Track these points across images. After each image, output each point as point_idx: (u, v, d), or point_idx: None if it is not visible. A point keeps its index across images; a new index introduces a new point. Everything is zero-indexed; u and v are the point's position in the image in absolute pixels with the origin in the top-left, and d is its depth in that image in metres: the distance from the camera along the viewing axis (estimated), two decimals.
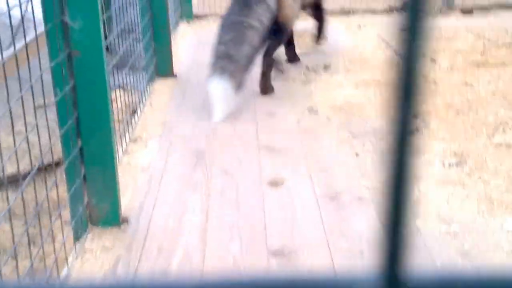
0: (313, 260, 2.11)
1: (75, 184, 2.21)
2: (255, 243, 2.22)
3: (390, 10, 6.15)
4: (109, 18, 4.59)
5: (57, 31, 2.07)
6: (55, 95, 2.11)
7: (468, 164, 2.79)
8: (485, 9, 6.13)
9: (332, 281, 0.44)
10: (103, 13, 2.32)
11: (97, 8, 2.13)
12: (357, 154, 2.92)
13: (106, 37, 2.37)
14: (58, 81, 2.11)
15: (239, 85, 3.47)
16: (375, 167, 2.79)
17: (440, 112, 3.38)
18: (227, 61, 3.46)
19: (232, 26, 3.53)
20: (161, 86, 3.97)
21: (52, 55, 2.08)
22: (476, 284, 0.44)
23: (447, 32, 5.17)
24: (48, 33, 2.05)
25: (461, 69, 4.12)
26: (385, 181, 0.42)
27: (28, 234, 1.87)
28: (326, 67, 4.28)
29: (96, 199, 2.31)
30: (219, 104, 3.43)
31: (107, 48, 2.52)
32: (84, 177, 2.28)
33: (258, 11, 3.50)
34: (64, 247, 2.12)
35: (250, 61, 3.55)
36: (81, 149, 2.24)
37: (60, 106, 2.14)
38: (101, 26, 2.16)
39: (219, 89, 3.42)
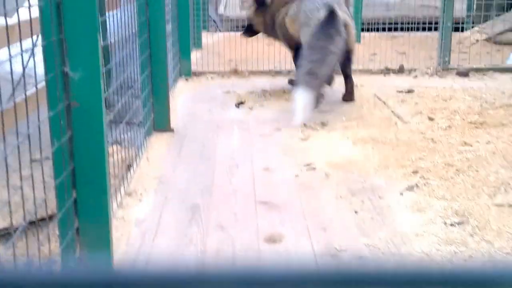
0: None
1: (67, 236, 2.15)
2: None
3: (386, 71, 6.21)
4: (108, 73, 4.62)
5: (58, 81, 2.05)
6: (52, 145, 2.07)
7: (471, 224, 2.73)
8: (480, 71, 6.20)
9: None
10: (103, 66, 2.31)
11: (98, 59, 2.12)
12: (356, 212, 2.87)
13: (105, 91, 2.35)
14: (55, 132, 2.08)
15: (316, 99, 4.34)
16: (375, 226, 2.73)
17: (440, 170, 3.35)
18: (312, 77, 4.25)
19: (319, 50, 4.35)
20: (158, 140, 3.94)
21: (51, 105, 2.05)
22: None
23: (444, 93, 5.21)
24: (48, 83, 2.03)
25: (460, 129, 4.11)
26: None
27: None
28: (323, 124, 4.27)
29: (89, 253, 2.24)
30: (300, 111, 4.15)
31: (105, 103, 2.51)
32: (77, 229, 2.21)
33: (337, 40, 4.39)
34: None
35: (326, 80, 4.62)
36: (75, 201, 2.19)
37: (56, 157, 2.10)
38: (101, 78, 2.15)
39: (303, 98, 4.14)
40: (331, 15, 4.47)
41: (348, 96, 5.01)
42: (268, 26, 5.25)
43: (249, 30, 5.52)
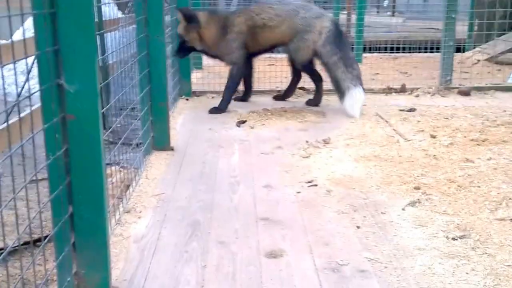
0: None
1: (63, 252, 2.11)
2: None
3: (388, 90, 6.21)
4: (107, 94, 4.61)
5: (52, 93, 2.02)
6: (47, 159, 2.04)
7: (473, 238, 2.69)
8: (482, 90, 6.19)
9: None
10: (100, 80, 2.29)
11: (94, 72, 2.09)
12: (358, 227, 2.83)
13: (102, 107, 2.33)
14: (50, 145, 2.04)
15: None
16: (377, 240, 2.69)
17: (442, 186, 3.32)
18: (360, 80, 5.28)
19: (353, 58, 5.54)
20: (158, 159, 3.91)
21: (46, 117, 2.02)
22: None
23: (446, 111, 5.19)
24: (43, 95, 2.00)
25: (461, 146, 4.09)
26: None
27: None
28: (325, 142, 4.25)
29: (86, 269, 2.19)
30: (359, 106, 5.15)
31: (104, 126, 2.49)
32: (74, 245, 2.18)
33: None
34: None
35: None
36: (71, 216, 2.15)
37: (52, 171, 2.06)
38: (98, 90, 2.12)
39: (362, 95, 5.19)
40: (337, 26, 5.41)
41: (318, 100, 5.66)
42: (214, 40, 5.37)
43: (183, 49, 5.44)
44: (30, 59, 2.13)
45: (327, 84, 5.48)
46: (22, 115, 1.98)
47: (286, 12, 5.33)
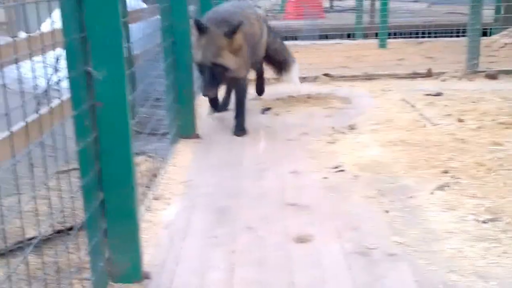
0: None
1: (95, 238, 2.14)
2: None
3: (414, 75, 6.16)
4: (133, 83, 4.65)
5: (81, 81, 2.04)
6: (77, 145, 2.06)
7: (503, 221, 2.67)
8: (509, 73, 6.11)
9: None
10: (128, 66, 2.30)
11: (121, 58, 2.11)
12: (386, 211, 2.82)
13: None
14: (80, 132, 2.07)
15: None
16: (406, 224, 2.68)
17: (471, 170, 3.29)
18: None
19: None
20: (184, 147, 3.93)
21: (75, 105, 2.05)
22: None
23: (473, 95, 5.14)
24: (71, 83, 2.03)
25: (489, 129, 4.04)
26: None
27: None
28: (351, 128, 4.23)
29: (117, 254, 2.23)
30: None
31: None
32: (105, 231, 2.20)
33: None
34: None
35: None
36: (102, 202, 2.18)
37: (82, 158, 2.09)
38: (125, 77, 2.14)
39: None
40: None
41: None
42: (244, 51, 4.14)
43: (216, 80, 4.01)
44: (58, 52, 2.15)
45: (353, 70, 5.45)
46: (52, 105, 1.99)
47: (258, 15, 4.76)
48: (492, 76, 6.00)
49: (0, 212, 1.50)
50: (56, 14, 2.02)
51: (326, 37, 8.43)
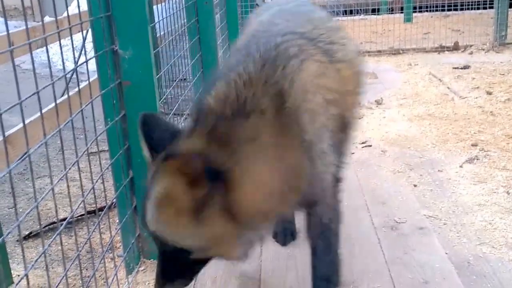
0: None
1: (126, 216, 2.16)
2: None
3: (441, 48, 6.08)
4: (157, 64, 4.66)
5: (108, 60, 2.05)
6: (106, 124, 2.08)
7: None
8: None
9: None
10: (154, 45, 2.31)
11: (147, 37, 2.11)
12: (415, 185, 2.81)
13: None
14: (108, 111, 2.09)
15: None
16: (435, 198, 2.67)
17: (500, 142, 3.25)
18: None
19: None
20: None
21: (103, 84, 2.06)
22: None
23: (502, 68, 5.06)
24: (99, 62, 2.04)
25: None
26: None
27: (81, 274, 1.82)
28: (378, 103, 4.21)
29: None
30: None
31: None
32: (135, 208, 2.23)
33: None
34: (117, 281, 2.06)
35: None
36: (131, 180, 2.20)
37: (111, 136, 2.11)
38: (152, 55, 2.14)
39: None
40: None
41: None
42: None
43: None
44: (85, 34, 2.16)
45: (379, 45, 5.39)
46: (82, 85, 2.01)
47: None
48: None
49: (34, 194, 1.52)
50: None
51: (351, 12, 8.34)
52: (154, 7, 3.80)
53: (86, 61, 1.95)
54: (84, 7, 2.04)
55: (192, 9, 3.78)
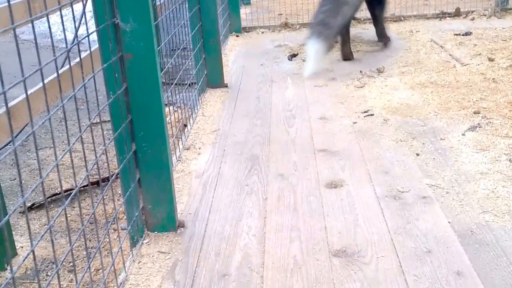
0: (378, 260, 2.01)
1: (130, 188, 2.17)
2: (316, 244, 2.14)
3: (442, 15, 6.03)
4: (157, 34, 4.63)
5: (109, 33, 2.04)
6: (108, 98, 2.07)
7: None
8: None
9: None
10: (155, 18, 2.29)
11: (148, 10, 2.09)
12: (417, 154, 2.81)
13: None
14: (110, 84, 2.07)
15: (329, 49, 4.28)
16: (437, 166, 2.67)
17: (503, 109, 3.25)
18: (323, 27, 4.18)
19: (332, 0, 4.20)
20: (213, 96, 3.93)
21: (104, 58, 2.05)
22: None
23: (504, 34, 5.03)
24: (100, 35, 2.02)
25: None
26: None
27: (86, 245, 1.83)
28: (380, 71, 4.19)
29: (152, 204, 2.26)
30: (311, 62, 4.23)
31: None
32: (139, 181, 2.23)
33: None
34: (122, 253, 2.08)
35: (340, 30, 4.32)
36: (135, 153, 2.20)
37: (113, 109, 2.10)
38: (153, 28, 2.13)
39: (314, 49, 4.18)
40: None
41: (381, 39, 4.97)
42: None
43: None
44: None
45: None
46: (82, 56, 2.00)
47: None
48: None
49: (38, 165, 1.52)
50: None
51: None
52: None
53: (88, 35, 1.94)
54: None
55: None
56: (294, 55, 4.87)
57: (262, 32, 5.93)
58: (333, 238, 2.17)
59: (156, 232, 2.29)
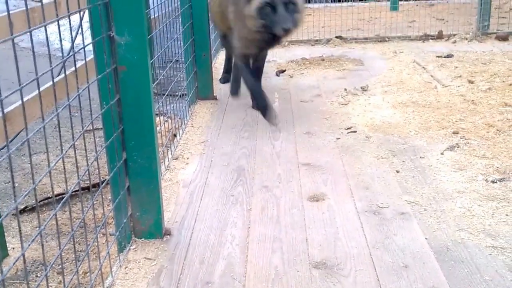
0: (357, 273, 2.09)
1: (119, 195, 2.24)
2: (297, 255, 2.21)
3: (425, 37, 6.17)
4: (151, 46, 4.70)
5: (104, 45, 2.11)
6: (101, 107, 2.14)
7: None
8: None
9: None
10: (149, 31, 2.36)
11: (143, 24, 2.17)
12: (397, 171, 2.91)
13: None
14: (104, 95, 2.14)
15: None
16: (416, 184, 2.77)
17: (481, 131, 3.36)
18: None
19: None
20: (202, 108, 4.02)
21: (99, 69, 2.12)
22: None
23: (484, 57, 5.17)
24: (96, 48, 2.10)
25: (500, 91, 4.09)
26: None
27: (75, 249, 1.89)
28: (364, 89, 4.30)
29: (140, 211, 2.33)
30: None
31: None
32: (128, 189, 2.30)
33: None
34: (109, 258, 2.14)
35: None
36: (125, 161, 2.27)
37: (106, 119, 2.17)
38: (147, 42, 2.20)
39: None
40: None
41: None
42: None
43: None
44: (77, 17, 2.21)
45: (365, 33, 5.45)
46: (78, 65, 2.07)
47: None
48: (503, 37, 6.01)
49: (31, 170, 1.59)
50: None
51: (339, 0, 8.41)
52: None
53: (84, 47, 2.01)
54: None
55: None
56: (282, 71, 4.97)
57: None
58: (313, 250, 2.24)
59: (143, 239, 2.35)
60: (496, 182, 2.74)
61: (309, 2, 5.95)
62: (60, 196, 2.87)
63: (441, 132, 3.39)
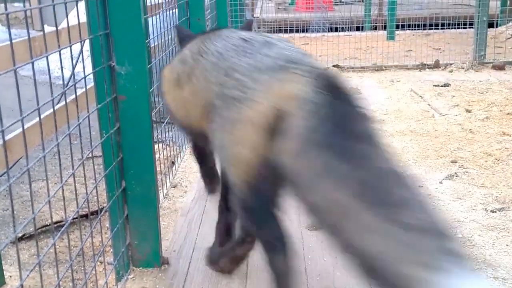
0: None
1: (118, 224, 2.23)
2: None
3: (422, 66, 6.22)
4: (150, 74, 4.71)
5: (105, 75, 2.12)
6: (101, 136, 2.15)
7: None
8: None
9: None
10: (149, 59, 2.37)
11: (143, 55, 2.18)
12: None
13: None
14: (104, 124, 2.15)
15: None
16: None
17: (479, 160, 3.36)
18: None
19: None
20: None
21: (99, 98, 2.12)
22: None
23: (481, 86, 5.20)
24: (96, 77, 2.10)
25: (497, 120, 4.12)
26: None
27: (73, 278, 1.88)
28: None
29: (138, 240, 2.32)
30: None
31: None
32: (127, 217, 2.29)
33: None
34: (107, 287, 2.12)
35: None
36: (124, 190, 2.26)
37: (105, 148, 2.17)
38: (147, 71, 2.21)
39: None
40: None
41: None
42: None
43: None
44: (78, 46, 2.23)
45: (362, 62, 5.48)
46: (78, 93, 2.09)
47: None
48: (499, 67, 6.06)
49: (31, 199, 1.58)
50: (81, 5, 2.09)
51: (336, 29, 8.47)
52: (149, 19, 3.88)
53: (84, 77, 2.03)
54: (83, 17, 2.11)
55: (185, 24, 3.87)
56: None
57: None
58: (312, 281, 2.23)
59: (141, 268, 2.34)
60: (495, 212, 2.73)
61: (307, 31, 5.99)
62: (59, 224, 2.86)
63: (440, 161, 3.39)
